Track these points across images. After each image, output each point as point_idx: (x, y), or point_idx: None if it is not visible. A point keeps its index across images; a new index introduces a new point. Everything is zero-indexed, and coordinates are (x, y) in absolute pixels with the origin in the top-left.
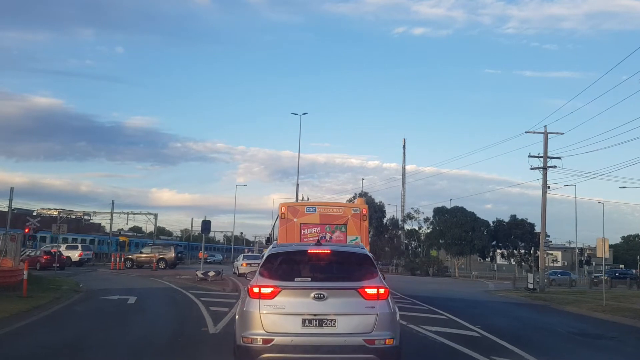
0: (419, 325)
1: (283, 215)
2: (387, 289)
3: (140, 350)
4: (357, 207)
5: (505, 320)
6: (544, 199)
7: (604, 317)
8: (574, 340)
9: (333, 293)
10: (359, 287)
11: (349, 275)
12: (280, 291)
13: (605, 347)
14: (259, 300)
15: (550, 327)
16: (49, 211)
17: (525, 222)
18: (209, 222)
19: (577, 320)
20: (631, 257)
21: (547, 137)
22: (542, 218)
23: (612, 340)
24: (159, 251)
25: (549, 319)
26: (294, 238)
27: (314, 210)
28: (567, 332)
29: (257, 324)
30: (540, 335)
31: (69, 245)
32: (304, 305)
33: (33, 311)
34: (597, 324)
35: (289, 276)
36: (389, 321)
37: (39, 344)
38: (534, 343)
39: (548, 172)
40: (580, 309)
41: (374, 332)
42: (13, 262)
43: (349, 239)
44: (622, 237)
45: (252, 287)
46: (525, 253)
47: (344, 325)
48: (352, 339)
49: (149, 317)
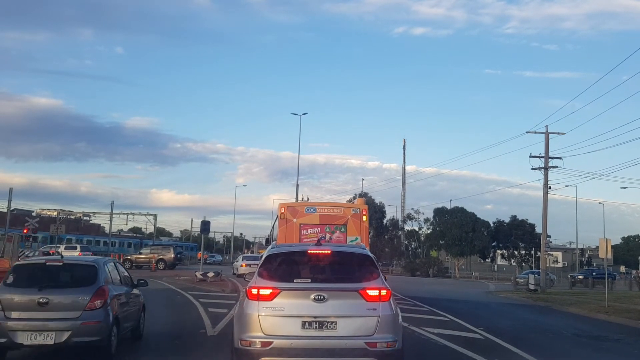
0: (420, 327)
1: (282, 215)
2: (389, 290)
3: (136, 353)
4: (357, 207)
5: (508, 322)
6: (545, 199)
7: (608, 318)
8: (579, 342)
9: (333, 294)
10: (360, 288)
11: (349, 276)
12: (279, 292)
13: (612, 350)
14: (258, 302)
15: (554, 329)
16: (48, 212)
17: (526, 222)
18: (209, 223)
19: (581, 322)
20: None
21: (548, 137)
22: (543, 218)
23: (617, 343)
24: (158, 252)
25: (552, 320)
26: (294, 238)
27: (314, 210)
28: (572, 334)
29: (255, 327)
30: (544, 338)
31: (67, 246)
32: (304, 307)
33: None
34: (601, 326)
35: (289, 277)
36: (391, 323)
37: None
38: (539, 345)
39: (549, 172)
40: (583, 310)
41: (376, 335)
42: (10, 262)
43: (349, 239)
44: (623, 237)
45: (250, 289)
46: (526, 254)
47: (345, 327)
48: (354, 341)
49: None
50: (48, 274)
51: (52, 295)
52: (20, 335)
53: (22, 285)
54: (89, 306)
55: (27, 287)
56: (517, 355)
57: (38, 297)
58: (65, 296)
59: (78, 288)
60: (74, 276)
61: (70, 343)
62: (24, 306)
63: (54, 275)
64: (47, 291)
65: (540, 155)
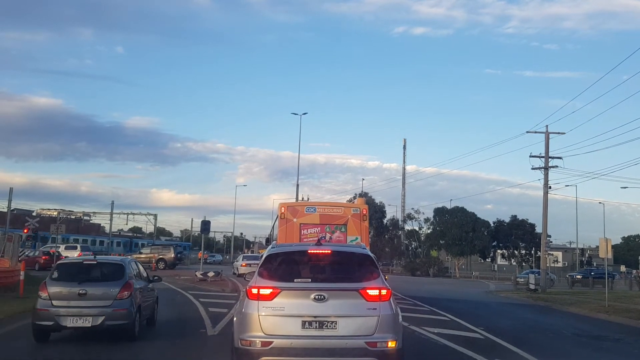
0: (420, 326)
1: (283, 215)
2: (389, 290)
3: (137, 352)
4: (357, 207)
5: (508, 322)
6: (545, 199)
7: (608, 318)
8: (579, 342)
9: (334, 294)
10: (361, 288)
11: (350, 276)
12: (279, 292)
13: (612, 349)
14: (258, 302)
15: (554, 329)
16: (48, 211)
17: (526, 222)
18: (209, 223)
19: (581, 322)
20: (632, 258)
21: (548, 137)
22: (543, 218)
23: (618, 342)
24: (158, 251)
25: (552, 320)
26: (294, 238)
27: (314, 210)
28: (572, 334)
29: (255, 326)
30: (545, 337)
31: (68, 246)
32: (304, 306)
33: (29, 312)
34: (601, 326)
35: (289, 277)
36: (391, 323)
37: (34, 346)
38: (540, 345)
39: (549, 172)
40: (583, 310)
41: (376, 335)
42: (10, 262)
43: (349, 239)
44: (623, 237)
45: (250, 288)
46: (526, 253)
47: (345, 327)
48: (354, 341)
49: None
50: (85, 271)
51: (89, 287)
52: (64, 319)
53: (64, 280)
54: (118, 296)
55: (69, 281)
56: (518, 355)
57: (78, 289)
58: (100, 288)
59: (109, 282)
60: (106, 273)
61: (103, 326)
62: (67, 296)
63: (90, 271)
64: (85, 284)
65: (541, 155)
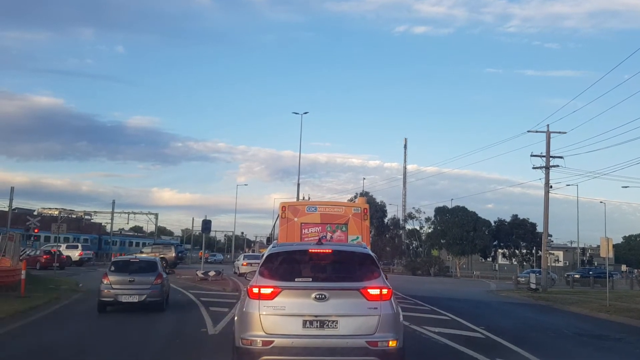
0: (421, 326)
1: (284, 214)
2: (390, 290)
3: (138, 351)
4: (358, 206)
5: (509, 321)
6: (547, 199)
7: (609, 317)
8: (580, 341)
9: (334, 293)
10: (361, 287)
11: (350, 275)
12: (280, 291)
13: (613, 349)
14: (259, 301)
15: (555, 328)
16: (49, 211)
17: (527, 222)
18: (210, 222)
19: (582, 321)
20: (633, 257)
21: (549, 136)
22: (544, 217)
23: (619, 342)
24: (160, 251)
25: (553, 319)
26: (295, 237)
27: (315, 209)
28: (574, 334)
29: (256, 326)
30: (546, 337)
31: (69, 245)
32: (305, 306)
33: (30, 311)
34: (602, 325)
35: (290, 276)
36: (392, 322)
37: (35, 345)
38: (541, 345)
39: (550, 171)
40: (584, 310)
41: (377, 334)
42: (11, 261)
43: (350, 238)
44: (624, 237)
45: (251, 288)
46: (527, 253)
47: (345, 326)
48: (354, 340)
49: (148, 318)
50: (132, 265)
51: (136, 276)
52: (120, 297)
53: (119, 271)
54: (154, 283)
55: (122, 272)
56: (519, 354)
57: (128, 277)
58: (142, 277)
59: (148, 273)
60: (145, 267)
61: (145, 302)
62: (121, 282)
63: (135, 266)
64: (132, 274)
65: (542, 155)
